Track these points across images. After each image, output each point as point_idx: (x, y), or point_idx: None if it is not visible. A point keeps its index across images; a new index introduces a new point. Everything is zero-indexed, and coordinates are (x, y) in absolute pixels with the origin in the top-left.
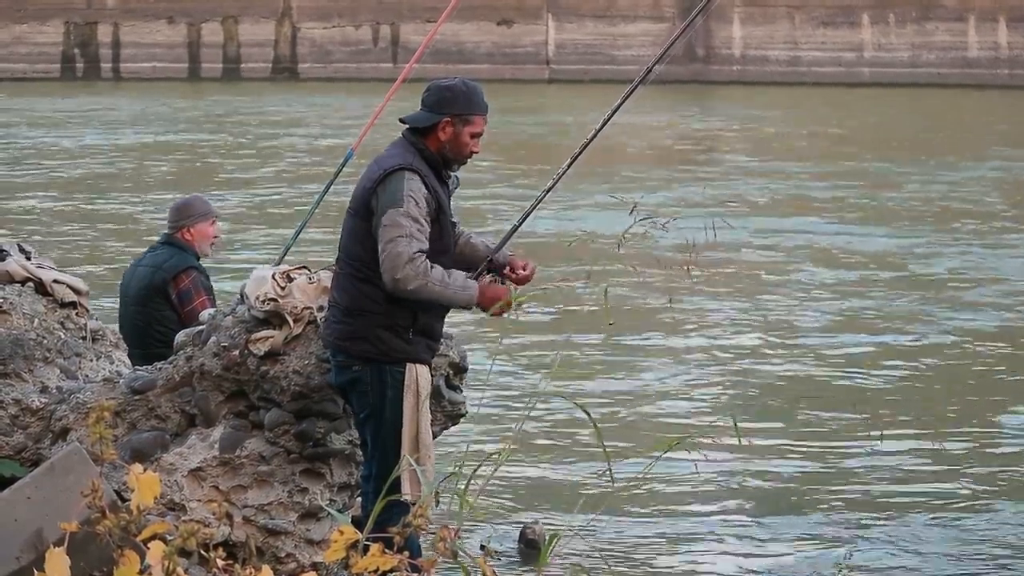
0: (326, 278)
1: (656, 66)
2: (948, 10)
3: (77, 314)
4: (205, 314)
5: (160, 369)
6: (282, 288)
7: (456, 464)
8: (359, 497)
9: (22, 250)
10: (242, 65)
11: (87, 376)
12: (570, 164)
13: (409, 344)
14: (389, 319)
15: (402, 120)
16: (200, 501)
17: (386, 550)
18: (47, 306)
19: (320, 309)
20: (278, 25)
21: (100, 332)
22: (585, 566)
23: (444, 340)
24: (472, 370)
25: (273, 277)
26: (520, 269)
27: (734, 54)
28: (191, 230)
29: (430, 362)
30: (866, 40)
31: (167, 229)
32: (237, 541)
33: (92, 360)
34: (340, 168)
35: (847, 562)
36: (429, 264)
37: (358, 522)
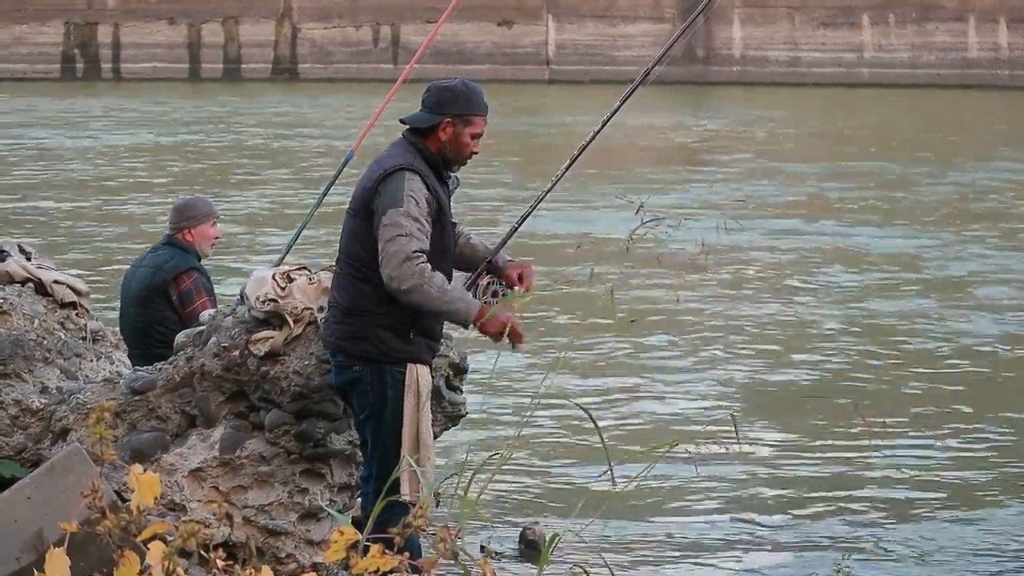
0: (326, 279)
1: (656, 67)
2: (948, 11)
3: (77, 314)
4: (205, 314)
5: (160, 370)
6: (282, 289)
7: (457, 465)
8: (359, 498)
9: (22, 250)
10: (242, 66)
11: (87, 377)
12: (569, 165)
13: (409, 344)
14: (389, 319)
15: (402, 120)
16: (200, 501)
17: (386, 551)
18: (47, 307)
19: (320, 310)
20: (278, 25)
21: (100, 332)
22: (586, 567)
23: (444, 341)
24: (473, 370)
25: (273, 278)
26: (516, 283)
27: (734, 55)
28: (192, 231)
29: (431, 362)
30: (866, 41)
31: (168, 230)
32: (237, 542)
33: (92, 360)
34: (340, 169)
35: (846, 563)
36: (430, 268)
37: (358, 523)
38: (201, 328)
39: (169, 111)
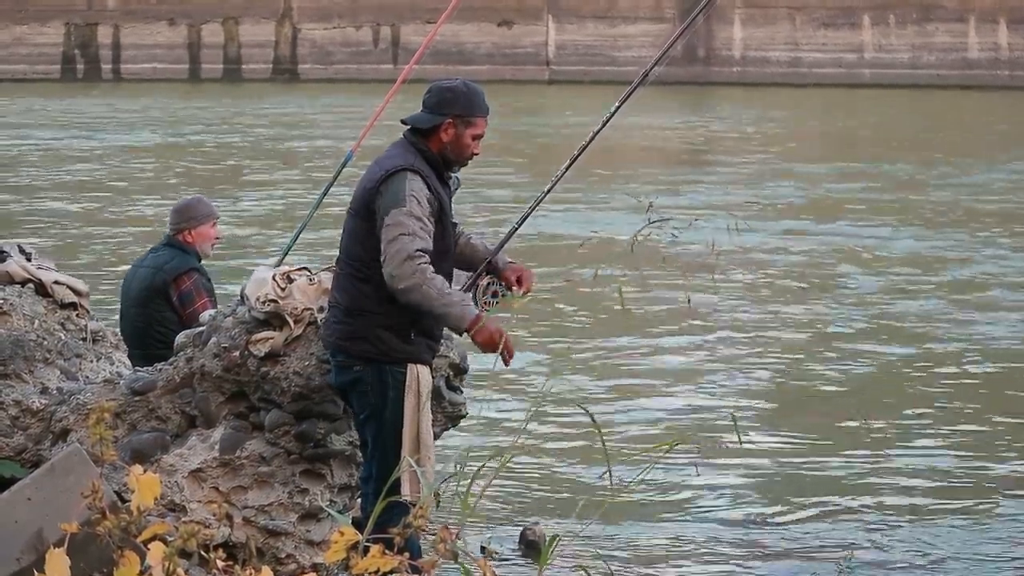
0: (326, 279)
1: (656, 68)
2: (948, 11)
3: (77, 315)
4: (206, 315)
5: (160, 370)
6: (282, 289)
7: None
8: (359, 498)
9: (22, 251)
10: (243, 66)
11: (87, 377)
12: (569, 166)
13: (410, 344)
14: (390, 319)
15: (404, 121)
16: (200, 502)
17: (386, 551)
18: (47, 307)
19: (320, 310)
20: (278, 26)
21: (100, 333)
22: (586, 567)
23: (445, 341)
24: (474, 371)
25: (273, 278)
26: (516, 284)
27: (734, 55)
28: (193, 232)
29: (431, 363)
30: (866, 41)
31: (168, 230)
32: (237, 542)
33: (92, 361)
34: (339, 170)
35: (848, 564)
36: (432, 269)
37: (358, 523)
38: (201, 329)
39: (169, 112)
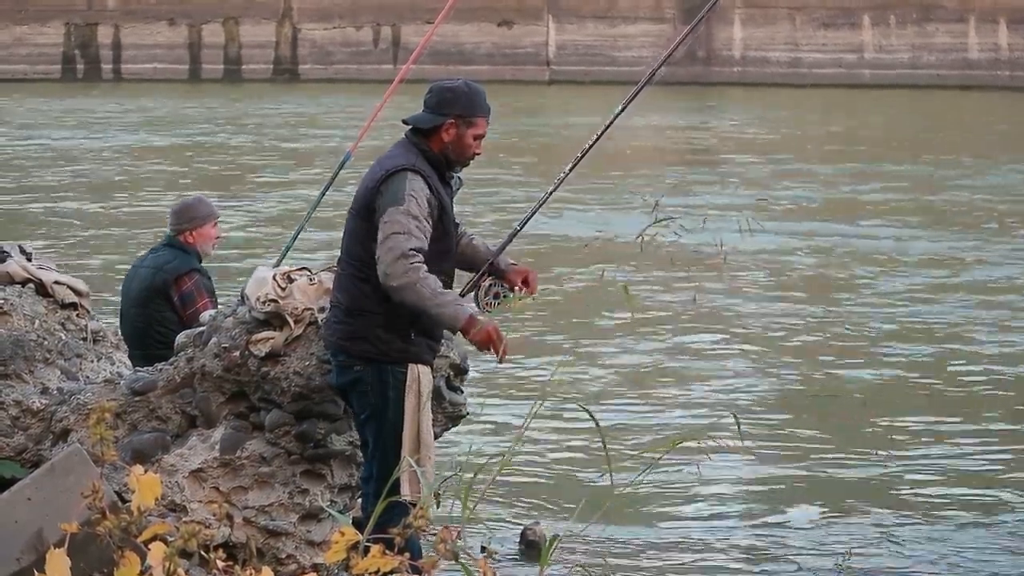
0: (327, 279)
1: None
2: (948, 11)
3: (78, 315)
4: (206, 315)
5: (161, 370)
6: (283, 289)
7: (458, 465)
8: (359, 498)
9: (23, 251)
10: (243, 66)
11: (88, 377)
12: (572, 167)
13: (410, 344)
14: (390, 319)
15: (405, 121)
16: (201, 502)
17: (387, 551)
18: (48, 307)
19: (321, 310)
20: (279, 26)
21: (101, 333)
22: (586, 567)
23: (445, 341)
24: (475, 371)
25: (274, 278)
26: (519, 286)
27: (735, 55)
28: (194, 233)
29: (431, 363)
30: (867, 41)
31: (169, 231)
32: (238, 542)
33: (93, 361)
34: (338, 170)
35: (847, 563)
36: (425, 268)
37: (359, 523)
38: (201, 329)
39: (170, 112)
